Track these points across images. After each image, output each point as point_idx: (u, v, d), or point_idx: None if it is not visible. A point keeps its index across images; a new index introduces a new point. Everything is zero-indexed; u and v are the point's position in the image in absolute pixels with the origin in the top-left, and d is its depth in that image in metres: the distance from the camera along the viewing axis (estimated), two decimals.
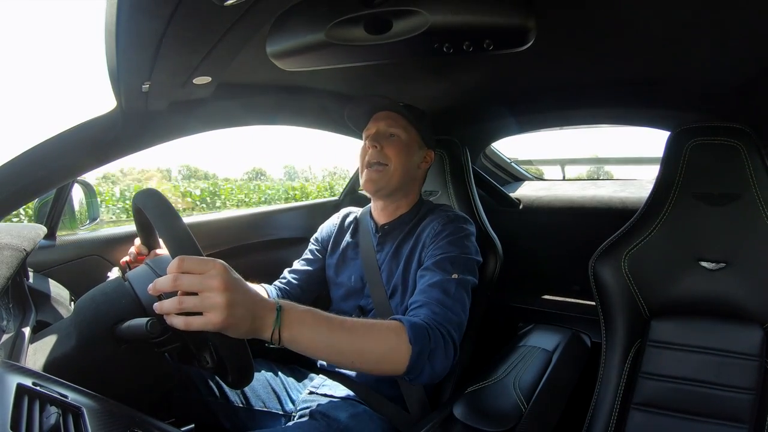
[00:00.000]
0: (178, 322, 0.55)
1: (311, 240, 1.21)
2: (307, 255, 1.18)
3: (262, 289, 1.08)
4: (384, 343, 0.70)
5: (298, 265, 1.17)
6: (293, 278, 1.14)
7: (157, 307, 0.56)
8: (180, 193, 11.34)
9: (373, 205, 1.11)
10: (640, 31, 0.82)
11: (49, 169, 0.84)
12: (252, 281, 1.02)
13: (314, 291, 1.16)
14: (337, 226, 1.17)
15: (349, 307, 1.06)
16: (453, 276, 0.86)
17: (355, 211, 1.19)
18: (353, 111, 1.07)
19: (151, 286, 0.57)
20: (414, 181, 1.07)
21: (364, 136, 1.07)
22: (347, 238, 1.13)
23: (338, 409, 0.89)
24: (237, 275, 0.59)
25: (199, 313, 0.55)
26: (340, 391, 0.96)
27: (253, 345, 0.62)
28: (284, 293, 1.11)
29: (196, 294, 0.55)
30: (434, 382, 0.77)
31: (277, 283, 1.14)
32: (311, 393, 0.99)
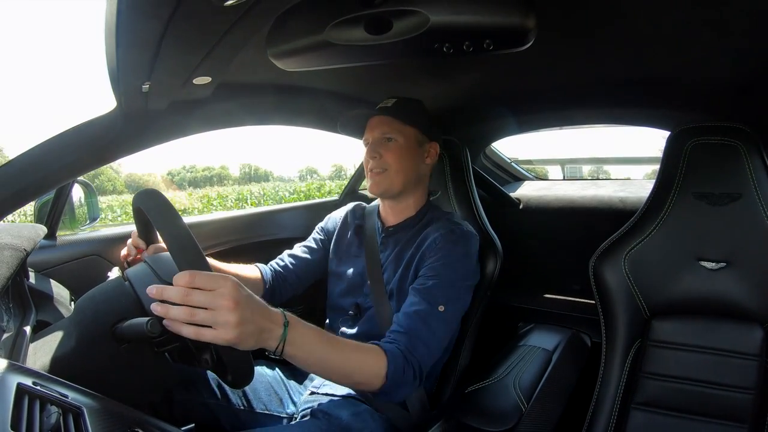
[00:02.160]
0: (189, 331, 0.56)
1: (316, 228, 1.20)
2: (309, 243, 1.17)
3: (256, 270, 1.08)
4: (367, 369, 0.77)
5: (298, 251, 1.16)
6: (291, 263, 1.13)
7: (162, 311, 0.56)
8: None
9: (381, 205, 1.12)
10: (640, 30, 0.82)
11: (49, 169, 0.84)
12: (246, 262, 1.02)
13: (310, 280, 1.16)
14: (342, 218, 1.17)
15: (347, 303, 1.06)
16: (440, 308, 0.88)
17: (363, 207, 1.18)
18: (346, 125, 1.09)
19: (152, 288, 0.57)
20: (420, 178, 1.06)
21: (363, 142, 1.07)
22: (352, 233, 1.13)
23: (340, 407, 0.90)
24: (247, 291, 0.60)
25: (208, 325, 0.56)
26: (341, 390, 0.96)
27: None
28: (279, 276, 1.10)
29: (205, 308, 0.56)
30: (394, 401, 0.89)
31: (274, 263, 1.13)
32: (312, 393, 0.99)
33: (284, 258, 1.15)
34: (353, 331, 1.02)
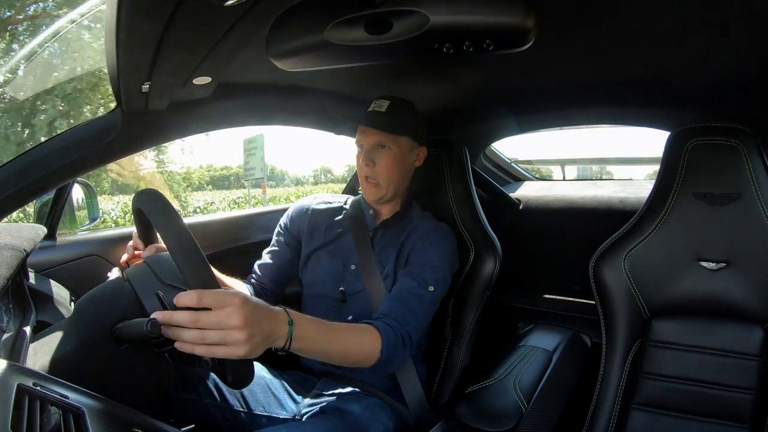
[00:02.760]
0: (201, 350, 0.57)
1: (277, 230, 1.15)
2: (274, 247, 1.14)
3: (241, 285, 1.05)
4: (363, 348, 0.84)
5: (267, 258, 1.13)
6: (265, 274, 1.11)
7: (174, 335, 0.57)
8: None
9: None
10: (640, 30, 0.82)
11: (49, 169, 0.84)
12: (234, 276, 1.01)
13: (285, 283, 1.15)
14: (312, 212, 1.13)
15: (328, 290, 1.05)
16: (430, 288, 0.96)
17: (338, 200, 1.16)
18: (346, 132, 1.15)
19: (159, 315, 0.57)
20: (407, 181, 1.09)
21: (356, 144, 1.06)
22: (333, 224, 1.10)
23: (349, 402, 0.92)
24: (253, 303, 0.60)
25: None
26: (348, 386, 0.98)
27: None
28: (259, 289, 1.09)
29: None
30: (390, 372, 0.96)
31: (252, 278, 1.11)
32: (318, 395, 0.99)
33: (257, 271, 1.12)
34: (346, 318, 1.02)
